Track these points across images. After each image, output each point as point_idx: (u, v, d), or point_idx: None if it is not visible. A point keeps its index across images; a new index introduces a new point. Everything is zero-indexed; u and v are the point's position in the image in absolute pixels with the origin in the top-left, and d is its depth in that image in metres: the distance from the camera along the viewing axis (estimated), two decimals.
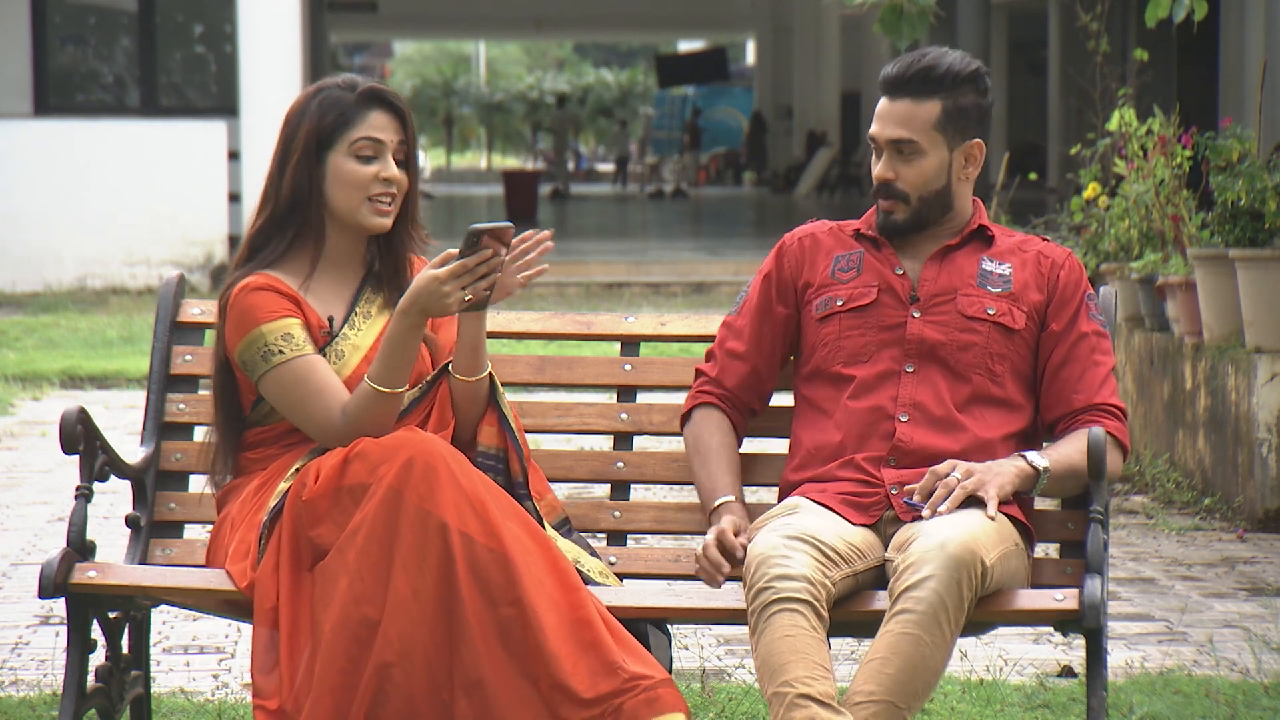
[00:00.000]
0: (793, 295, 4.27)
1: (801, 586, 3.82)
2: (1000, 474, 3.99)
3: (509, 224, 4.03)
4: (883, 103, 4.18)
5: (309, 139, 4.09)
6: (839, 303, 4.19)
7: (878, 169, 4.17)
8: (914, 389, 4.13)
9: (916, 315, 4.15)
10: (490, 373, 4.15)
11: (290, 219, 4.11)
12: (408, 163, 4.16)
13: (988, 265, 4.18)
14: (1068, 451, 4.06)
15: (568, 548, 4.09)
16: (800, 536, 3.89)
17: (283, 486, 3.97)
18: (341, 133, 4.10)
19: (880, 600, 3.94)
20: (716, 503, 4.22)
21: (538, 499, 4.15)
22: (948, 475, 3.96)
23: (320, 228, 4.12)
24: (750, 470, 4.37)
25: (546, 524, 4.10)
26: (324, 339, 4.10)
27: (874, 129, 4.18)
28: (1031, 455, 4.04)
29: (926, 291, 4.16)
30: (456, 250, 3.99)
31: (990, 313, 4.14)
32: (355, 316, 4.15)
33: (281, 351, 4.03)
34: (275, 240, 4.12)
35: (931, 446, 4.08)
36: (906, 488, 4.02)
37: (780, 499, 4.23)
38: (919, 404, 4.12)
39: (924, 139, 4.13)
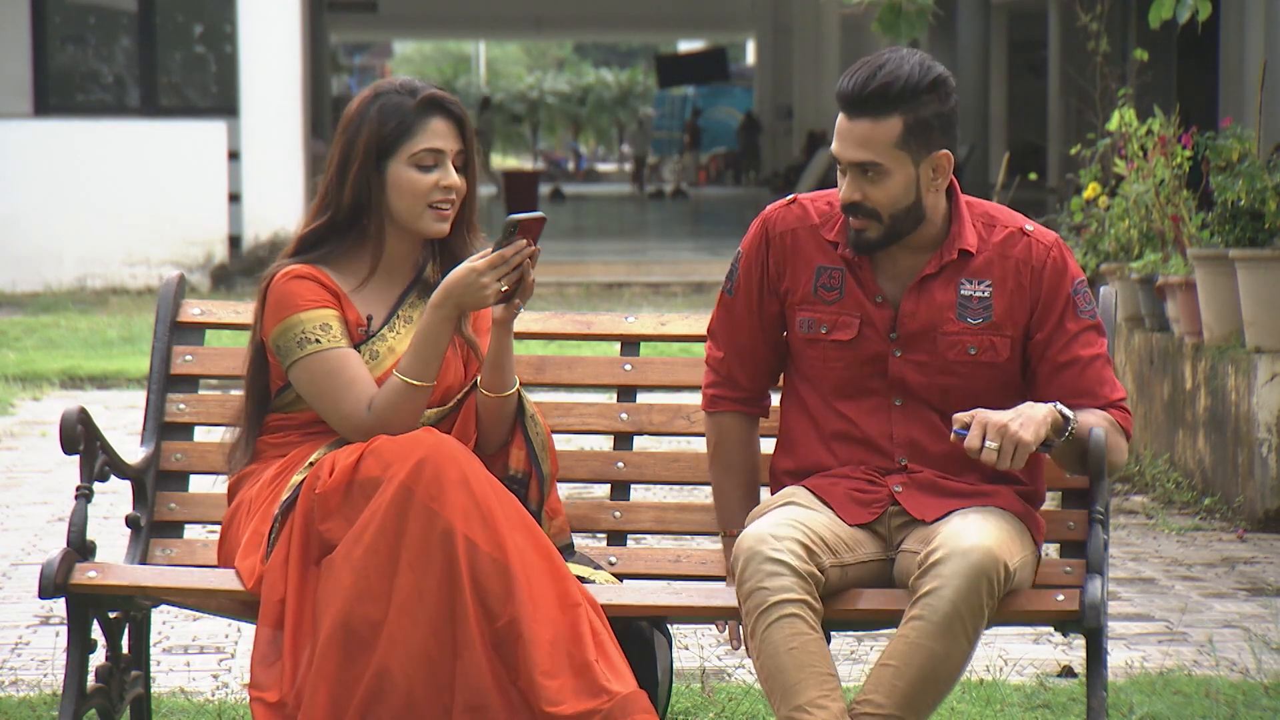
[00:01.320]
0: (778, 294, 4.14)
1: (793, 583, 3.80)
2: (1034, 419, 3.86)
3: (542, 215, 4.04)
4: (841, 120, 3.99)
5: (369, 147, 4.08)
6: (823, 330, 4.07)
7: (844, 190, 4.00)
8: (906, 426, 4.06)
9: (898, 354, 4.05)
10: (520, 392, 4.15)
11: (351, 225, 4.12)
12: (466, 168, 4.16)
13: (966, 290, 4.03)
14: (1088, 418, 3.98)
15: (573, 568, 4.08)
16: (787, 523, 3.88)
17: (296, 479, 3.97)
18: (402, 142, 4.08)
19: (874, 599, 3.94)
20: (730, 531, 4.21)
21: (550, 517, 4.15)
22: (981, 446, 3.82)
23: (380, 234, 4.13)
24: None
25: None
26: (360, 336, 4.10)
27: (835, 148, 4.00)
28: (1060, 405, 3.92)
29: (906, 329, 4.03)
30: (491, 245, 4.00)
31: (972, 353, 4.03)
32: (396, 320, 4.15)
33: (317, 340, 4.04)
34: (331, 242, 4.12)
35: (940, 484, 4.04)
36: (956, 417, 3.88)
37: (773, 487, 4.21)
38: (914, 442, 4.05)
39: (887, 159, 3.95)
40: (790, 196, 4.18)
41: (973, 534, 3.83)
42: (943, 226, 4.07)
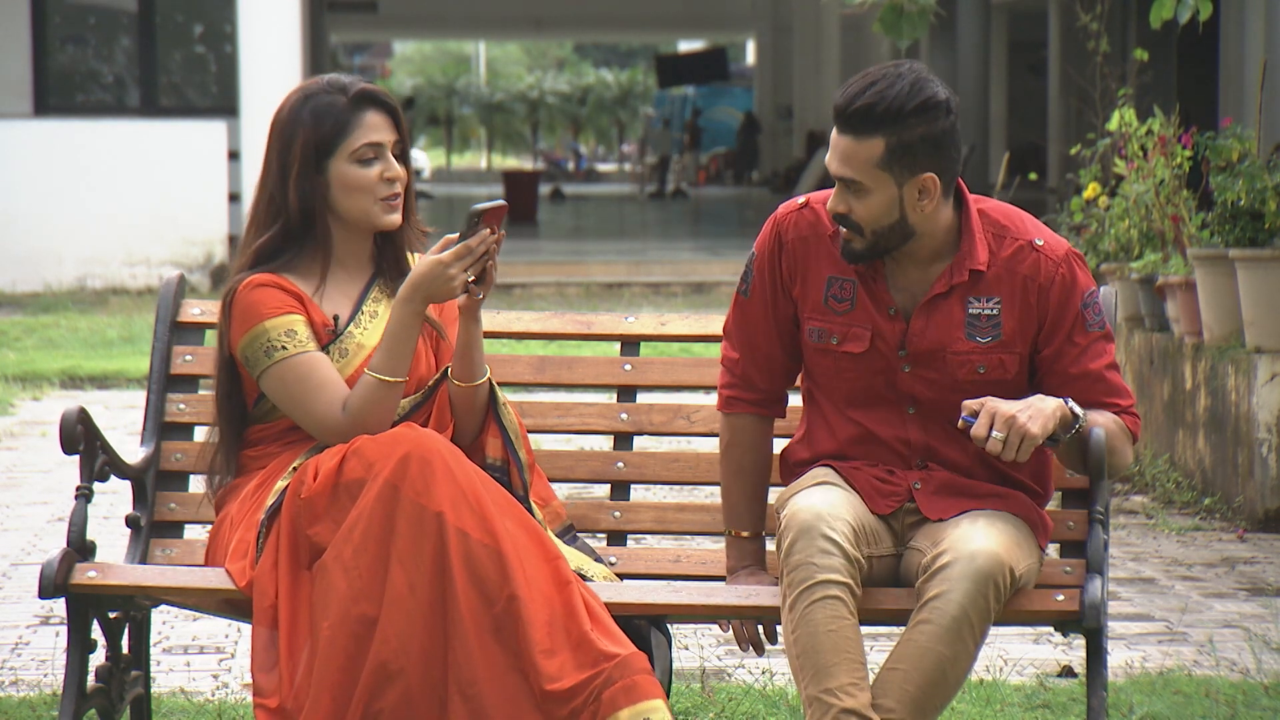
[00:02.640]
0: (791, 297, 4.13)
1: (842, 564, 3.81)
2: (1042, 413, 3.86)
3: (504, 202, 4.06)
4: (834, 132, 3.98)
5: (307, 150, 4.09)
6: (834, 341, 4.06)
7: (830, 201, 3.99)
8: (923, 432, 4.05)
9: (907, 370, 4.04)
10: (490, 381, 4.15)
11: (305, 230, 4.12)
12: (403, 157, 4.18)
13: (975, 308, 4.01)
14: (1096, 417, 3.98)
15: (572, 555, 4.09)
16: (839, 507, 3.88)
17: (280, 485, 3.98)
18: (340, 141, 4.10)
19: (889, 598, 3.95)
20: (733, 532, 4.21)
21: (542, 505, 4.15)
22: (988, 436, 3.82)
23: (328, 234, 4.13)
24: None
25: (550, 531, 4.10)
26: (328, 337, 4.11)
27: (826, 158, 3.99)
28: (1069, 401, 3.93)
29: (915, 347, 4.02)
30: (455, 235, 4.01)
31: (981, 372, 4.02)
32: (361, 315, 4.16)
33: (284, 347, 4.04)
34: (290, 249, 4.12)
35: (958, 483, 4.04)
36: (966, 403, 3.88)
37: (784, 472, 4.19)
38: (931, 448, 4.05)
39: (867, 179, 3.91)
40: (803, 199, 4.14)
41: (979, 539, 3.83)
42: (951, 240, 4.03)
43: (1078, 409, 3.94)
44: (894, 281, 4.05)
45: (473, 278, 4.02)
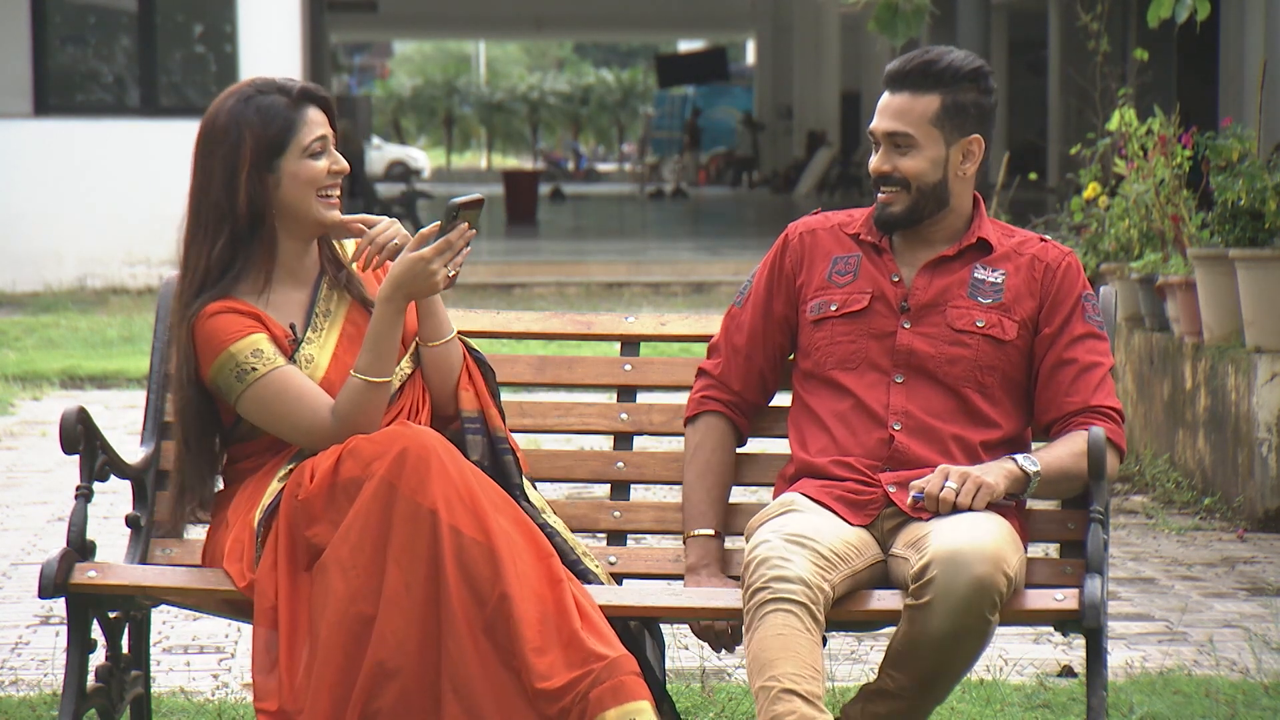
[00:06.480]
0: (791, 293, 4.26)
1: (799, 589, 3.81)
2: (991, 470, 4.00)
3: (480, 196, 4.06)
4: (884, 96, 4.17)
5: (258, 148, 4.05)
6: (833, 308, 4.18)
7: (874, 162, 4.15)
8: (904, 399, 4.11)
9: (907, 326, 4.14)
10: (458, 334, 4.16)
11: (251, 234, 4.08)
12: (339, 149, 4.19)
13: (980, 274, 4.16)
14: (1060, 454, 4.05)
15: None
16: (799, 538, 3.89)
17: (275, 486, 3.98)
18: (291, 137, 4.08)
19: (879, 600, 3.95)
20: (694, 532, 4.26)
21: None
22: (941, 489, 3.94)
23: (274, 238, 4.10)
24: (750, 470, 4.38)
25: (525, 480, 4.12)
26: (291, 347, 4.09)
27: (873, 124, 4.16)
28: (1021, 458, 4.03)
29: (917, 301, 4.15)
30: (429, 232, 3.99)
31: (979, 325, 4.12)
32: (316, 318, 4.14)
33: (255, 368, 4.02)
34: (238, 261, 4.08)
35: (925, 457, 4.07)
36: (913, 484, 3.99)
37: (775, 496, 4.23)
38: (908, 412, 4.10)
39: (920, 133, 4.11)
40: (814, 212, 4.36)
41: (965, 540, 3.82)
42: (963, 225, 4.21)
43: (1029, 466, 4.02)
44: (902, 257, 4.21)
45: (454, 273, 4.02)
